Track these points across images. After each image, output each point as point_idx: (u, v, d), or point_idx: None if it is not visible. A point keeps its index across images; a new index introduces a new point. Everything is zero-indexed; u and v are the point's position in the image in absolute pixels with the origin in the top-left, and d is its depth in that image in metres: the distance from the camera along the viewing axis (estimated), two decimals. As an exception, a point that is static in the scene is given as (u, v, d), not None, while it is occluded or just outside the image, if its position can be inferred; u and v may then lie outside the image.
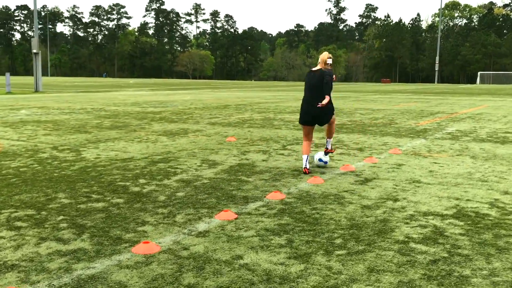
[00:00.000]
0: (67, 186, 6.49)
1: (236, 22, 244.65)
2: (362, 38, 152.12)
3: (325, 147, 8.17)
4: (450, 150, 9.97)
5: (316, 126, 7.82)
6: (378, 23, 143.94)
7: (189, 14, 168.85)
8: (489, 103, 26.69)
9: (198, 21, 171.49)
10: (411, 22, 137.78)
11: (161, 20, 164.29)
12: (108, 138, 11.30)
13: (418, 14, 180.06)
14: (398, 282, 3.62)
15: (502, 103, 26.83)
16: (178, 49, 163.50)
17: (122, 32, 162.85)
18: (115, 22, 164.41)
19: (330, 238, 4.55)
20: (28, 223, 4.93)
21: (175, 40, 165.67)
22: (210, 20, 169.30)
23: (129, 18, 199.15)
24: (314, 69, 7.75)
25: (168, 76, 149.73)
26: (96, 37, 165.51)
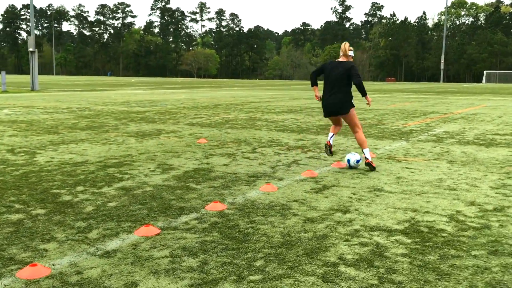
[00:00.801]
0: (-5, 194, 5.98)
1: (241, 21, 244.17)
2: (368, 37, 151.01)
3: (365, 159, 7.74)
4: (428, 153, 9.38)
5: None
6: (384, 22, 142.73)
7: (194, 13, 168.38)
8: (488, 103, 25.99)
9: (203, 19, 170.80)
10: (417, 20, 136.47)
11: (166, 18, 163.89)
12: (73, 140, 10.80)
13: (424, 13, 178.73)
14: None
15: (502, 103, 26.13)
16: (183, 47, 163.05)
17: (127, 30, 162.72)
18: (121, 21, 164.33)
19: (251, 259, 4.00)
20: None
21: (180, 38, 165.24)
22: (215, 18, 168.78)
23: (134, 16, 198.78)
24: (337, 60, 7.76)
25: (173, 75, 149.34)
26: (101, 35, 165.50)
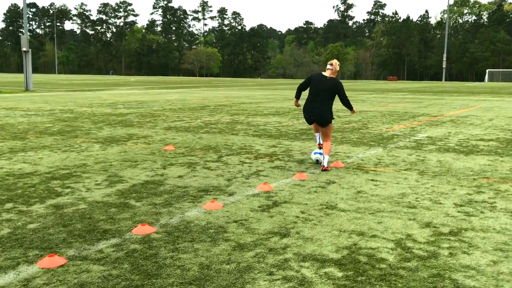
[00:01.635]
0: None
1: (243, 20, 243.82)
2: (370, 35, 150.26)
3: (322, 165, 8.19)
4: (401, 163, 8.87)
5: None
6: (386, 20, 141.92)
7: (196, 12, 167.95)
8: (483, 104, 25.43)
9: (205, 18, 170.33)
10: (420, 19, 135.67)
11: (168, 17, 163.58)
12: (35, 147, 10.33)
13: (427, 11, 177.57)
14: None
15: (497, 104, 25.56)
16: (185, 46, 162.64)
17: (129, 29, 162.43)
18: (123, 20, 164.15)
19: (150, 300, 3.51)
20: None
21: (182, 37, 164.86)
22: (217, 17, 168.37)
23: (136, 15, 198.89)
24: (325, 74, 8.10)
25: (175, 74, 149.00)
26: (103, 34, 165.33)
